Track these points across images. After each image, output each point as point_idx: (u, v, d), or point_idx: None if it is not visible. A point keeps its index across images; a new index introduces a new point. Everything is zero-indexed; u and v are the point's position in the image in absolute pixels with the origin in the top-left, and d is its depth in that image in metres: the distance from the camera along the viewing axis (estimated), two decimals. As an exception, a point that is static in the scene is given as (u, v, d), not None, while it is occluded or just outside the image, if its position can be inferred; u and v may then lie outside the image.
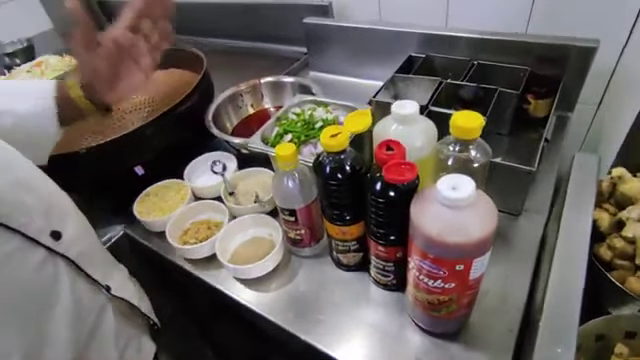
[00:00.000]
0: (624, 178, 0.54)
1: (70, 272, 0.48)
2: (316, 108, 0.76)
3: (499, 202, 0.69)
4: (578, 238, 0.49)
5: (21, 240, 0.43)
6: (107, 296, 0.55)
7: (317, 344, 0.57)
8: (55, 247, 0.46)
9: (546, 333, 0.45)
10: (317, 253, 0.69)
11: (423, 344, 0.55)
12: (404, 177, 0.44)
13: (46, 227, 0.46)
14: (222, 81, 1.22)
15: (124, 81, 0.58)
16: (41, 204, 0.48)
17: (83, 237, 0.53)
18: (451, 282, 0.46)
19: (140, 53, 0.57)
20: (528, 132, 0.85)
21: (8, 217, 0.42)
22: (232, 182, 0.79)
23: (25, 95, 0.55)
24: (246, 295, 0.65)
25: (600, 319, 0.45)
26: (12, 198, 0.44)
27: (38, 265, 0.44)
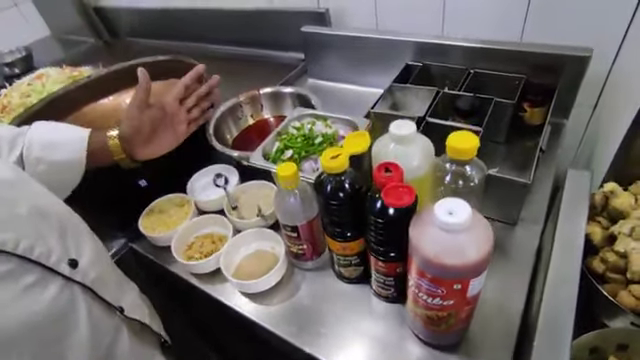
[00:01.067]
0: (616, 193, 0.56)
1: (86, 298, 0.50)
2: (315, 122, 0.77)
3: (496, 212, 0.72)
4: (571, 254, 0.50)
5: (41, 271, 0.44)
6: (121, 317, 0.57)
7: (320, 356, 0.59)
8: (72, 275, 0.48)
9: (541, 348, 0.46)
10: (319, 266, 0.70)
11: (423, 356, 0.57)
12: (402, 201, 0.45)
13: (63, 256, 0.48)
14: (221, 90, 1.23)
15: (158, 141, 0.66)
16: (57, 231, 0.49)
17: (98, 261, 0.55)
18: (449, 299, 0.47)
19: (179, 121, 0.67)
20: (524, 140, 0.87)
21: (29, 250, 0.43)
22: (234, 195, 0.80)
23: (61, 144, 0.61)
24: (251, 308, 0.67)
25: (593, 333, 0.47)
26: (31, 229, 0.45)
27: (56, 294, 0.45)
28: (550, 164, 0.79)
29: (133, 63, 1.10)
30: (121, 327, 0.57)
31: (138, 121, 0.63)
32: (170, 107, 0.66)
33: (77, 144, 0.62)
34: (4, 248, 0.41)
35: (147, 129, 0.64)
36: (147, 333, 0.64)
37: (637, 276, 0.48)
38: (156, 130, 0.65)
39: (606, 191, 0.57)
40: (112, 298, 0.55)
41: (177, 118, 0.67)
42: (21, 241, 0.43)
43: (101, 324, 0.52)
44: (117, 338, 0.55)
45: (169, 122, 0.67)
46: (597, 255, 0.54)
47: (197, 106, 0.70)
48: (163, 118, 0.66)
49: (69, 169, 0.62)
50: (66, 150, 0.61)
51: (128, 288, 0.66)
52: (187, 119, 0.68)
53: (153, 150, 0.67)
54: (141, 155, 0.66)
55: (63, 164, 0.61)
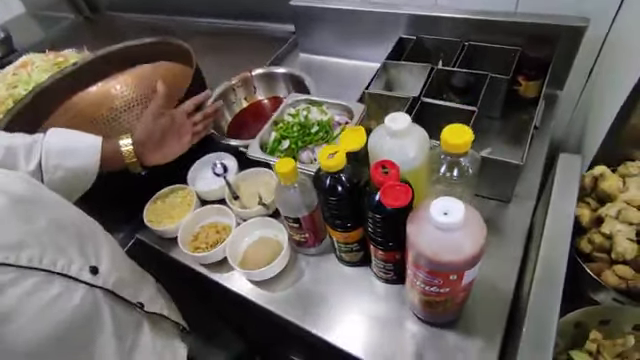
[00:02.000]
0: (604, 175, 0.58)
1: (108, 300, 0.53)
2: (310, 108, 0.77)
3: (490, 191, 0.74)
4: (561, 236, 0.53)
5: (64, 281, 0.47)
6: (141, 313, 0.61)
7: (326, 337, 0.63)
8: (94, 282, 0.51)
9: (531, 323, 0.49)
10: (321, 251, 0.73)
11: (422, 333, 0.61)
12: (399, 202, 0.47)
13: (84, 264, 0.51)
14: (210, 68, 1.20)
15: (165, 148, 0.72)
16: (76, 240, 0.52)
17: (116, 263, 0.58)
18: (446, 287, 0.51)
19: (185, 132, 0.73)
20: (519, 113, 0.87)
21: (53, 263, 0.46)
22: (235, 184, 0.82)
23: (76, 151, 0.64)
24: (258, 294, 0.70)
25: (579, 310, 0.51)
26: (52, 242, 0.48)
27: (80, 301, 0.48)
28: (544, 138, 0.80)
29: (119, 47, 1.07)
30: (142, 321, 0.61)
31: (152, 127, 0.69)
32: (179, 118, 0.72)
33: (91, 150, 0.65)
34: (30, 264, 0.44)
35: (158, 136, 0.69)
36: (166, 322, 0.68)
37: (621, 256, 0.51)
38: (165, 138, 0.71)
39: (596, 174, 0.59)
40: (131, 296, 0.59)
41: (184, 129, 0.73)
42: (45, 255, 0.46)
43: (124, 322, 0.56)
44: (139, 332, 0.59)
45: (176, 132, 0.72)
46: (585, 236, 0.57)
47: (202, 122, 0.77)
48: (171, 127, 0.71)
49: (84, 174, 0.65)
50: (81, 156, 0.64)
51: (145, 282, 0.69)
52: (192, 131, 0.74)
53: (161, 156, 0.72)
54: (150, 160, 0.70)
55: (79, 170, 0.64)
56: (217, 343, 1.38)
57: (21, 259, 0.43)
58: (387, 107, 0.85)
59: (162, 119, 0.70)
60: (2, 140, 0.61)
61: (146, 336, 0.60)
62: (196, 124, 0.76)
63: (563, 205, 0.54)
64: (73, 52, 1.29)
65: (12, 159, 0.60)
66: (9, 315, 0.41)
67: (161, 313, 0.65)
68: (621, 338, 0.50)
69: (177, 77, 1.08)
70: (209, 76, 1.01)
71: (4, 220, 0.45)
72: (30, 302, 0.43)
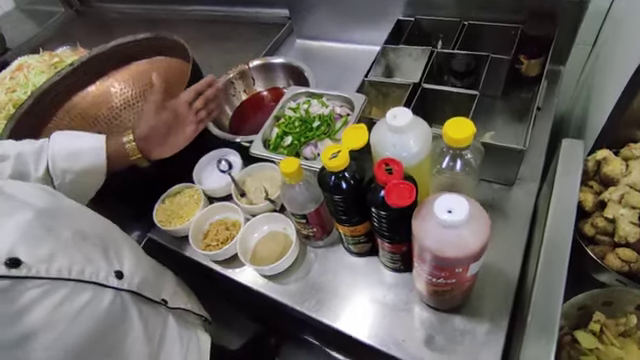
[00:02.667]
0: (608, 159, 0.58)
1: (135, 301, 0.56)
2: (310, 101, 0.77)
3: (493, 174, 0.75)
4: (564, 222, 0.53)
5: (93, 288, 0.49)
6: (166, 309, 0.64)
7: (338, 326, 0.66)
8: (120, 285, 0.53)
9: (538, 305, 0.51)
10: (329, 243, 0.75)
11: (429, 318, 0.64)
12: (404, 201, 0.48)
13: (110, 269, 0.53)
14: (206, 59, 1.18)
15: (171, 141, 0.71)
16: (100, 247, 0.54)
17: (138, 264, 0.60)
18: (452, 279, 0.52)
19: (189, 122, 0.71)
20: (521, 91, 0.86)
21: (81, 272, 0.48)
22: (240, 180, 0.83)
23: (82, 153, 0.64)
24: (271, 288, 0.73)
25: (582, 294, 0.52)
26: (78, 252, 0.49)
27: (109, 305, 0.51)
28: (546, 120, 0.80)
29: (113, 45, 1.06)
30: (167, 317, 0.63)
31: (154, 122, 0.68)
32: (181, 109, 0.71)
33: (96, 150, 0.65)
34: (60, 275, 0.46)
35: (161, 129, 0.68)
36: (189, 315, 0.71)
37: (624, 240, 0.52)
38: (169, 131, 0.70)
39: (599, 158, 0.59)
40: (155, 294, 0.61)
41: (187, 119, 0.72)
42: (73, 265, 0.48)
43: (150, 320, 0.58)
44: (165, 327, 0.62)
45: (180, 123, 0.71)
46: (588, 219, 0.58)
47: (204, 108, 0.74)
48: (175, 119, 0.70)
49: (93, 175, 0.66)
50: (88, 158, 0.64)
51: (165, 277, 0.72)
52: (196, 120, 0.73)
53: (166, 149, 0.71)
54: (156, 154, 0.70)
55: (87, 171, 0.64)
56: (233, 326, 1.43)
57: (51, 271, 0.45)
58: (387, 94, 0.85)
59: (164, 112, 0.69)
60: (12, 149, 0.62)
61: (172, 330, 0.63)
62: (198, 112, 0.74)
63: (566, 192, 0.55)
64: (67, 50, 1.28)
65: (23, 167, 0.61)
66: (44, 327, 0.43)
67: (184, 307, 0.68)
68: (623, 318, 0.52)
69: (174, 72, 1.08)
70: (205, 67, 1.00)
71: (34, 234, 0.46)
72: (62, 312, 0.45)
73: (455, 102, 0.78)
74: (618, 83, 0.61)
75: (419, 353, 0.61)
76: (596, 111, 0.73)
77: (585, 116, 0.80)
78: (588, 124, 0.77)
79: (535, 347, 0.46)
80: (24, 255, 0.43)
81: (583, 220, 0.59)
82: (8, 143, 0.63)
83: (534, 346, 0.47)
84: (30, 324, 0.41)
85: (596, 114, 0.71)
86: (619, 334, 0.52)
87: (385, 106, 0.87)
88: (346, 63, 1.04)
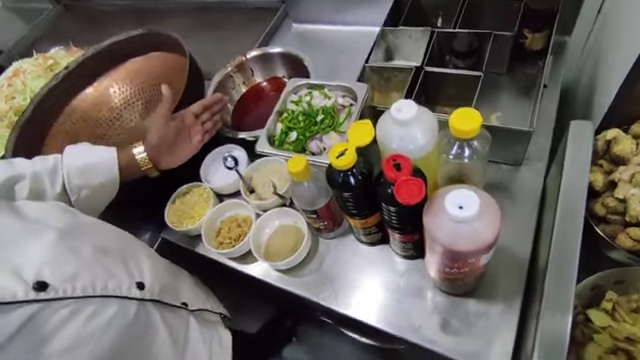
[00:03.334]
0: (618, 139, 0.57)
1: (157, 309, 0.57)
2: (312, 92, 0.76)
3: (501, 155, 0.74)
4: (575, 205, 0.53)
5: (118, 301, 0.51)
6: (187, 312, 0.66)
7: (357, 316, 0.68)
8: (143, 296, 0.55)
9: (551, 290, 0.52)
10: (340, 233, 0.76)
11: (443, 302, 0.65)
12: (414, 199, 0.48)
13: (131, 281, 0.54)
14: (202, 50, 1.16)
15: (178, 151, 0.73)
16: (120, 261, 0.55)
17: (157, 272, 0.61)
18: (464, 268, 0.53)
19: (195, 133, 0.75)
20: (525, 67, 0.85)
21: (105, 287, 0.49)
22: (247, 176, 0.83)
23: (96, 168, 0.66)
24: (286, 281, 0.74)
25: (594, 276, 0.53)
26: (100, 268, 0.51)
27: (134, 315, 0.52)
28: (553, 97, 0.78)
29: (107, 44, 1.04)
30: (189, 319, 0.66)
31: (164, 132, 0.70)
32: (188, 119, 0.74)
33: (109, 165, 0.67)
34: (85, 293, 0.47)
35: (170, 139, 0.71)
36: (209, 314, 0.73)
37: (634, 219, 0.52)
38: (177, 140, 0.72)
39: (608, 137, 0.58)
40: (175, 299, 0.63)
41: (194, 129, 0.75)
42: (97, 282, 0.49)
43: (174, 324, 0.60)
44: (188, 329, 0.65)
45: (187, 133, 0.74)
46: (599, 199, 0.58)
47: (210, 120, 0.78)
48: (182, 129, 0.73)
49: (107, 189, 0.68)
50: (101, 172, 0.66)
51: (182, 279, 0.73)
52: (202, 131, 0.76)
53: (175, 159, 0.74)
54: (165, 164, 0.72)
55: (102, 186, 0.66)
56: (250, 310, 1.47)
57: (77, 290, 0.46)
58: (389, 78, 0.84)
59: (172, 122, 0.71)
60: (27, 168, 0.63)
61: (194, 331, 0.66)
62: (204, 123, 0.77)
63: (576, 176, 0.54)
64: (61, 50, 1.26)
65: (40, 186, 0.62)
66: (74, 345, 0.45)
67: (204, 308, 0.70)
68: (635, 294, 0.53)
69: (170, 67, 1.06)
70: (201, 57, 0.98)
71: (58, 255, 0.47)
72: (91, 328, 0.47)
73: (459, 84, 0.77)
74: (627, 56, 0.60)
75: (435, 337, 0.62)
76: (604, 85, 0.71)
77: (592, 88, 0.79)
78: (595, 98, 0.75)
79: (551, 326, 0.47)
80: (50, 277, 0.44)
81: (593, 200, 0.59)
82: (21, 162, 0.64)
83: (550, 325, 0.48)
84: (61, 343, 0.43)
85: (604, 88, 0.70)
86: (631, 310, 0.53)
87: (387, 91, 0.85)
88: (345, 46, 1.02)
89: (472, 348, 0.60)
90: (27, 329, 0.40)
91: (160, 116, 0.71)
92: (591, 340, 0.53)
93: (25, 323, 0.40)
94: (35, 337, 0.41)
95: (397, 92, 0.84)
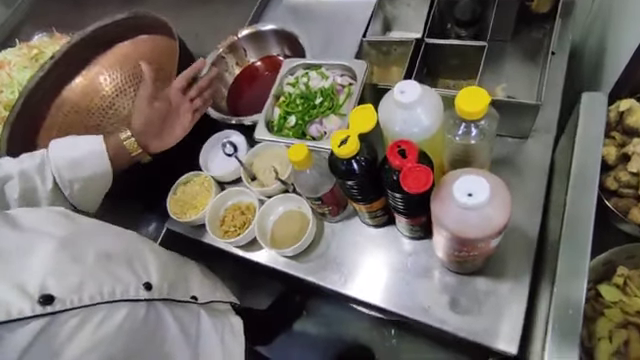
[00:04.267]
0: (631, 110, 0.54)
1: (167, 306, 0.57)
2: (309, 73, 0.73)
3: (507, 129, 0.72)
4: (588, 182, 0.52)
5: (126, 305, 0.50)
6: (197, 305, 0.66)
7: (366, 299, 0.68)
8: (151, 296, 0.54)
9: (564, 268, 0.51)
10: (346, 216, 0.75)
11: (452, 282, 0.65)
12: (421, 188, 0.46)
13: (138, 283, 0.54)
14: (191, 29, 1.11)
15: (168, 132, 0.69)
16: (125, 263, 0.54)
17: (164, 269, 0.61)
18: (473, 252, 0.52)
19: (185, 111, 0.70)
20: (531, 31, 0.81)
21: (112, 293, 0.49)
22: (247, 162, 0.81)
23: (85, 160, 0.63)
24: (293, 266, 0.74)
25: (606, 252, 0.52)
26: (105, 274, 0.50)
27: (144, 316, 0.52)
28: (561, 61, 0.74)
29: (92, 29, 0.99)
30: (199, 312, 0.66)
31: (149, 114, 0.66)
32: (174, 98, 0.69)
33: (98, 154, 0.64)
34: (93, 301, 0.46)
35: (157, 121, 0.67)
36: (219, 304, 0.74)
37: (648, 193, 0.51)
38: (165, 122, 0.68)
39: (622, 109, 0.56)
40: (185, 294, 0.63)
41: (182, 108, 0.70)
42: (103, 288, 0.48)
43: (185, 319, 0.61)
44: (199, 322, 0.65)
45: (175, 113, 0.69)
46: (611, 172, 0.56)
47: (199, 96, 0.72)
48: (169, 110, 0.68)
49: (101, 179, 0.65)
50: (92, 163, 0.64)
51: (190, 272, 0.73)
52: (192, 108, 0.71)
53: (165, 141, 0.70)
54: (155, 147, 0.69)
55: (94, 177, 0.64)
56: (260, 287, 1.50)
57: (84, 299, 0.46)
58: (389, 52, 0.80)
59: (157, 103, 0.67)
60: (13, 167, 0.60)
61: (206, 323, 0.66)
62: (193, 100, 0.71)
63: (588, 152, 0.53)
64: (44, 37, 1.21)
65: (30, 184, 0.60)
66: (87, 352, 0.44)
67: (213, 299, 0.71)
68: (647, 268, 0.52)
69: (160, 50, 1.02)
70: (191, 36, 0.95)
71: (61, 265, 0.46)
72: (101, 334, 0.46)
73: (462, 55, 0.73)
74: None
75: (445, 317, 0.63)
76: (614, 49, 0.68)
77: (601, 53, 0.75)
78: (605, 62, 0.72)
79: (566, 297, 0.47)
80: (55, 289, 0.43)
81: (605, 173, 0.57)
82: (7, 162, 0.61)
83: (565, 296, 0.47)
84: (72, 354, 0.43)
85: (614, 53, 0.67)
86: (642, 284, 0.53)
87: (387, 65, 0.82)
88: (340, 18, 0.97)
89: (482, 326, 0.61)
90: (37, 345, 0.40)
91: (142, 98, 0.66)
92: (602, 315, 0.53)
93: (34, 339, 0.40)
94: (46, 352, 0.41)
95: (397, 66, 0.80)
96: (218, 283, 0.79)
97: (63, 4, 1.54)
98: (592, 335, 0.53)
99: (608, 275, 0.54)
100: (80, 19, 1.03)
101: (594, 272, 0.54)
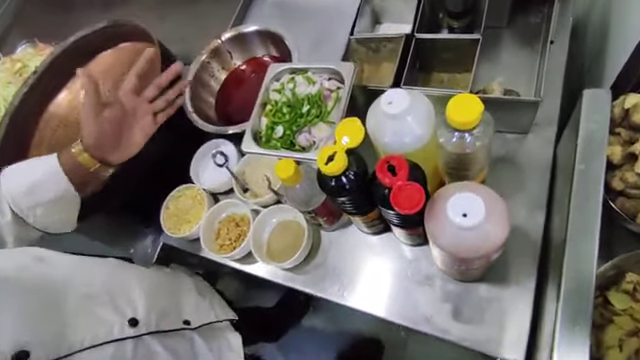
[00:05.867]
0: (638, 106, 0.51)
1: (157, 338, 0.56)
2: (295, 78, 0.69)
3: (507, 125, 0.69)
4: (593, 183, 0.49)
5: (112, 346, 0.49)
6: (190, 330, 0.64)
7: (368, 310, 0.67)
8: (137, 332, 0.53)
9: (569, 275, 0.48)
10: (342, 225, 0.73)
11: (455, 290, 0.63)
12: (413, 208, 0.44)
13: (123, 321, 0.52)
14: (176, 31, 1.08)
15: (127, 140, 0.61)
16: (108, 301, 0.52)
17: (153, 300, 0.59)
18: (473, 266, 0.50)
19: (142, 114, 0.61)
20: (528, 16, 0.76)
21: (95, 337, 0.47)
22: (239, 172, 0.79)
23: (41, 183, 0.57)
24: (292, 278, 0.73)
25: (614, 259, 0.50)
26: (86, 318, 0.48)
27: (132, 353, 0.51)
28: (561, 50, 0.70)
29: (72, 40, 0.96)
30: (193, 337, 0.64)
31: (97, 125, 0.58)
32: (127, 101, 0.60)
33: (54, 176, 0.57)
34: (73, 350, 0.45)
35: (110, 130, 0.59)
36: (215, 325, 0.72)
37: (658, 195, 0.48)
38: (121, 129, 0.60)
39: (627, 106, 0.52)
40: (176, 322, 0.61)
41: (140, 111, 0.61)
42: (85, 335, 0.47)
43: (178, 347, 0.59)
44: (193, 347, 0.64)
45: (131, 117, 0.61)
46: (617, 172, 0.53)
47: (161, 96, 0.63)
48: (124, 115, 0.60)
49: (65, 201, 0.59)
50: (49, 186, 0.57)
51: (183, 292, 0.71)
52: (151, 110, 0.63)
53: (125, 151, 0.62)
54: (115, 159, 0.61)
55: (56, 200, 0.58)
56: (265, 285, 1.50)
57: (63, 349, 0.44)
58: (378, 49, 0.76)
59: (106, 112, 0.58)
60: None
61: (200, 347, 0.65)
62: (153, 101, 0.63)
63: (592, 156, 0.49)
64: (28, 49, 1.18)
65: None
66: None
67: (208, 322, 0.69)
68: (657, 273, 0.50)
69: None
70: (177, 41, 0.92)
71: (35, 318, 0.44)
72: None
73: (455, 49, 0.69)
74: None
75: (447, 326, 0.61)
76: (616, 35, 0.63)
77: (603, 38, 0.70)
78: (607, 47, 0.67)
79: (571, 310, 0.45)
80: (30, 344, 0.41)
81: (610, 173, 0.54)
82: None
83: (570, 309, 0.45)
84: None
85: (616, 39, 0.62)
86: (652, 288, 0.50)
87: (378, 62, 0.78)
88: (327, 14, 0.92)
89: (486, 335, 0.59)
90: None
91: (88, 108, 0.57)
92: (611, 322, 0.51)
93: None
94: None
95: (389, 62, 0.77)
96: (215, 299, 0.77)
97: (46, 12, 1.51)
98: (601, 344, 0.50)
99: (616, 281, 0.52)
100: (64, 26, 0.99)
101: (602, 278, 0.51)
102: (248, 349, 0.72)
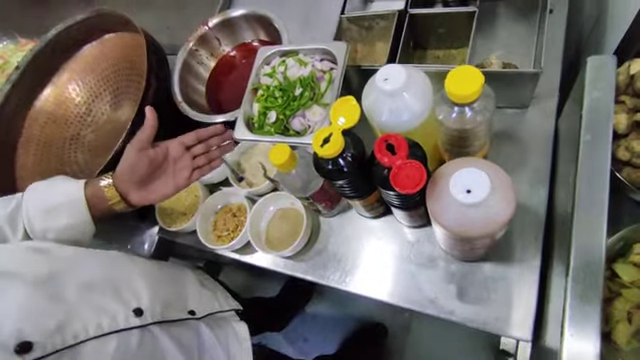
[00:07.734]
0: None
1: (163, 328, 0.54)
2: (286, 61, 0.67)
3: (506, 100, 0.67)
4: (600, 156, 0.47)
5: (116, 336, 0.48)
6: (195, 320, 0.63)
7: (372, 295, 0.65)
8: (143, 322, 0.51)
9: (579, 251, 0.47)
10: (342, 209, 0.71)
11: (459, 271, 0.62)
12: (414, 187, 0.42)
13: (127, 310, 0.51)
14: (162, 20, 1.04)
15: (154, 186, 0.61)
16: (111, 291, 0.51)
17: (157, 290, 0.58)
18: (477, 246, 0.49)
19: (182, 167, 0.62)
20: (526, -13, 0.73)
21: (99, 327, 0.46)
22: (233, 162, 0.77)
23: (61, 207, 0.57)
24: (293, 266, 0.72)
25: (622, 231, 0.48)
26: (89, 308, 0.47)
27: (138, 343, 0.50)
28: (560, 18, 0.67)
29: (54, 34, 0.93)
30: (199, 326, 0.63)
31: (136, 159, 0.59)
32: (174, 150, 0.62)
33: (75, 203, 0.58)
34: (77, 340, 0.44)
35: (144, 169, 0.59)
36: (219, 314, 0.71)
37: (665, 164, 0.47)
38: (154, 172, 0.61)
39: (632, 72, 0.50)
40: (181, 311, 0.60)
41: (180, 163, 0.62)
42: (88, 325, 0.45)
43: (184, 337, 0.58)
44: (200, 336, 0.63)
45: (170, 167, 0.62)
46: (622, 142, 0.51)
47: (205, 154, 0.64)
48: (165, 161, 0.61)
49: (79, 228, 0.59)
50: (67, 213, 0.58)
51: (186, 283, 0.70)
52: (192, 166, 0.63)
53: (149, 195, 0.62)
54: (136, 199, 0.61)
55: (70, 227, 0.58)
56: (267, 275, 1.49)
57: (67, 340, 0.43)
58: (371, 27, 0.74)
59: (150, 151, 0.59)
60: None
61: (207, 337, 0.64)
62: (197, 157, 0.64)
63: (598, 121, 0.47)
64: (9, 45, 1.14)
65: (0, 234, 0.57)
66: None
67: (212, 311, 0.68)
68: (665, 243, 0.49)
69: (130, 48, 0.96)
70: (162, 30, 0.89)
71: (37, 307, 0.43)
72: None
73: (451, 23, 0.67)
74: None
75: (453, 307, 0.60)
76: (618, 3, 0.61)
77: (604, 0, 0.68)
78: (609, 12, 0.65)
79: (582, 286, 0.44)
80: (33, 335, 0.41)
81: (615, 142, 0.52)
82: None
83: (581, 285, 0.44)
84: None
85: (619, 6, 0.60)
86: (661, 259, 0.49)
87: (371, 41, 0.75)
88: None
89: (493, 315, 0.58)
90: None
91: (136, 141, 0.59)
92: (619, 295, 0.50)
93: None
94: None
95: (382, 41, 0.74)
96: (218, 291, 0.76)
97: (25, 6, 1.46)
98: (609, 318, 0.50)
99: (623, 253, 0.51)
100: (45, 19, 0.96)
101: (609, 251, 0.50)
102: (253, 338, 0.71)
